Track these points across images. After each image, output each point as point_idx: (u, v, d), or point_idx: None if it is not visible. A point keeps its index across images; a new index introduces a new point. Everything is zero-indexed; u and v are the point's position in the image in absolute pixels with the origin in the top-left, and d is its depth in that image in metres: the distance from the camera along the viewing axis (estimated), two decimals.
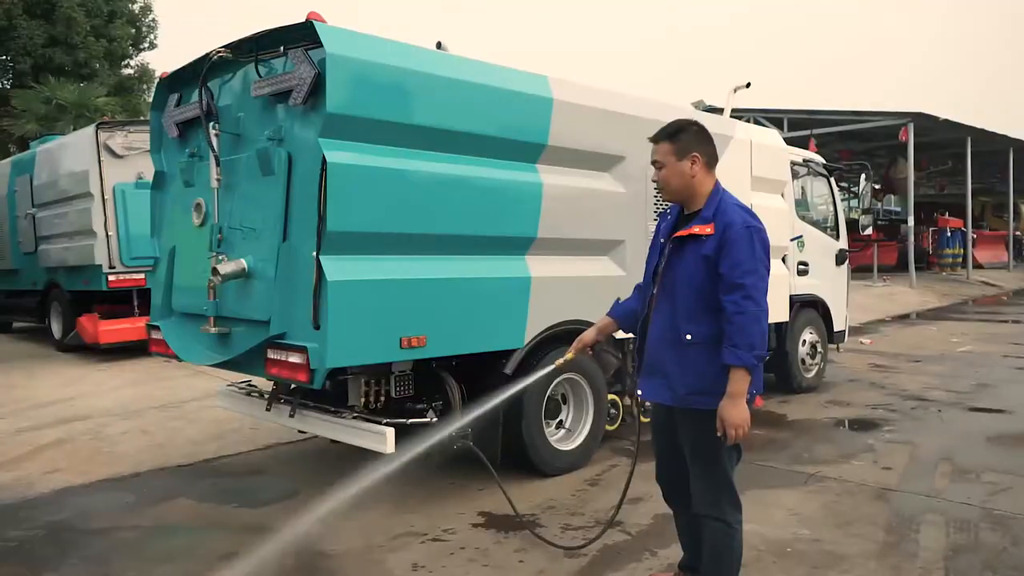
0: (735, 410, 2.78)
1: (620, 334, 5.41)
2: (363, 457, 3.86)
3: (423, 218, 4.29)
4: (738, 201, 3.04)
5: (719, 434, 2.82)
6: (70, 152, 10.29)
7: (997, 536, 4.08)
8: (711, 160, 3.06)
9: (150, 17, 24.03)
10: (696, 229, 2.93)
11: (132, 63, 24.26)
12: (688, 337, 2.92)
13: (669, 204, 3.27)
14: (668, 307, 3.01)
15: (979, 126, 21.68)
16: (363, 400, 4.48)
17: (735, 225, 2.86)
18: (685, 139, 3.03)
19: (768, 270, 2.91)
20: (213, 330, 4.54)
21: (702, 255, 2.89)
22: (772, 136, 7.49)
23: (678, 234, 3.01)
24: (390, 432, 4.19)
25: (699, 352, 2.90)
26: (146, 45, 24.31)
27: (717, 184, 3.06)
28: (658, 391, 3.05)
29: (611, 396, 5.70)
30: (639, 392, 3.20)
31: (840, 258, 8.32)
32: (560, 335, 5.04)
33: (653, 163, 3.10)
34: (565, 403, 5.40)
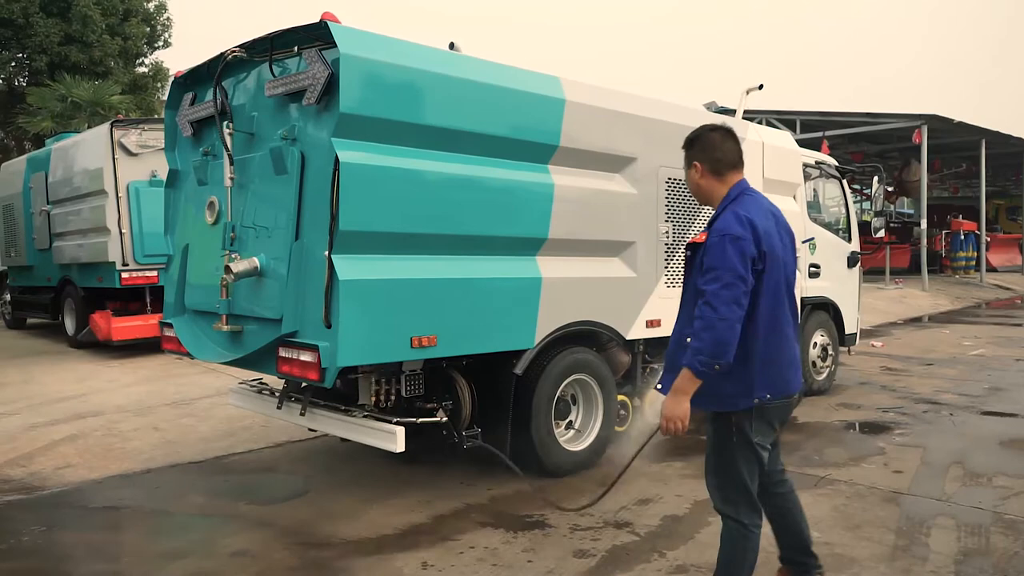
0: (674, 405, 2.92)
1: (631, 335, 5.49)
2: (372, 455, 3.88)
3: (435, 218, 4.31)
4: (739, 208, 3.02)
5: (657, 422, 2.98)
6: (85, 150, 10.39)
7: (1008, 540, 4.06)
8: (715, 166, 3.14)
9: (165, 16, 24.16)
10: (700, 237, 3.06)
11: (147, 61, 24.42)
12: (688, 340, 3.00)
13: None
14: (683, 310, 3.14)
15: (994, 128, 21.52)
16: (373, 399, 4.50)
17: (715, 231, 2.96)
18: (690, 148, 3.20)
19: (743, 280, 2.84)
20: (225, 328, 4.58)
21: (698, 262, 3.02)
22: (784, 138, 7.48)
23: (690, 241, 3.15)
24: (400, 431, 4.21)
25: None
26: (160, 43, 24.44)
27: (731, 190, 3.14)
28: (669, 387, 3.11)
29: (620, 397, 5.69)
30: (658, 386, 3.25)
31: (852, 260, 8.29)
32: (570, 336, 5.05)
33: None
34: (575, 404, 5.40)
